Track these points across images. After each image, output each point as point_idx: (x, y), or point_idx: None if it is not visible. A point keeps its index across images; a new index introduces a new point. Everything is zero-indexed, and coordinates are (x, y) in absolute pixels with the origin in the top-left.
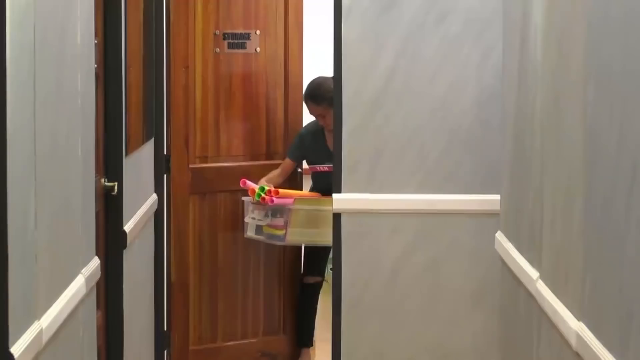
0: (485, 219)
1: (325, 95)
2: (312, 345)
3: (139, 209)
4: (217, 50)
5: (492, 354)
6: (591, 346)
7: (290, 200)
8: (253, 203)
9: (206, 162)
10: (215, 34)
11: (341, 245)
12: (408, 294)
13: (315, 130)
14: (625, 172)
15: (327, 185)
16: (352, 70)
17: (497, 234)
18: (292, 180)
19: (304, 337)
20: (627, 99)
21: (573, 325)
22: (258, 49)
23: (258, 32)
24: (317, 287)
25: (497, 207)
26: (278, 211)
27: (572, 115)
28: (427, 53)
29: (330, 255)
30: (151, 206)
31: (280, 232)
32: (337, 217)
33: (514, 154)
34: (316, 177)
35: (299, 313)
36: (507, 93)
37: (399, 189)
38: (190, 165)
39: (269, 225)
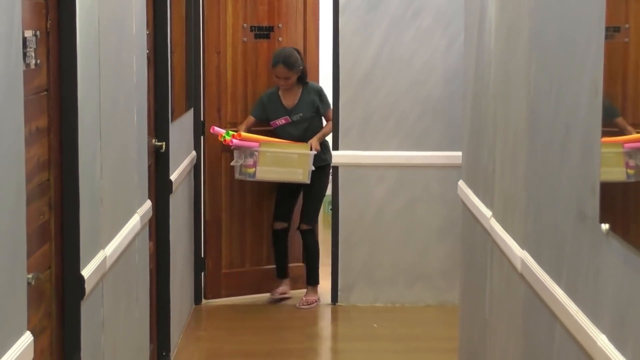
0: (450, 170)
1: (296, 64)
2: (285, 277)
3: (181, 162)
4: (245, 39)
5: (454, 276)
6: (532, 269)
7: (255, 144)
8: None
9: (236, 127)
10: (243, 26)
11: (339, 191)
12: (390, 228)
13: (271, 93)
14: (559, 133)
15: (287, 134)
16: (347, 55)
17: (459, 182)
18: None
19: (279, 271)
20: (562, 76)
21: (518, 253)
22: (280, 39)
23: (281, 25)
24: (285, 233)
25: (459, 161)
26: (249, 154)
27: (518, 88)
28: (405, 41)
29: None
30: (191, 161)
31: (251, 170)
32: (335, 169)
33: (473, 119)
34: (277, 132)
35: (274, 253)
36: (467, 71)
37: (383, 147)
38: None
39: (244, 165)
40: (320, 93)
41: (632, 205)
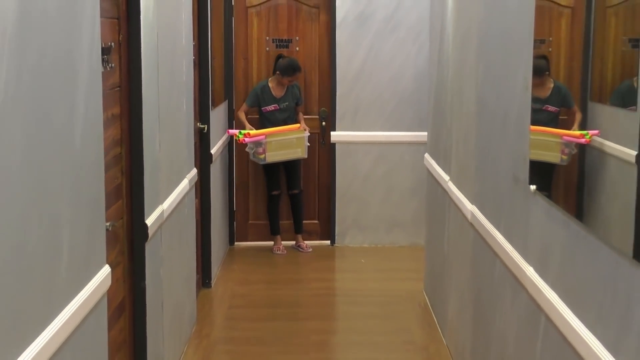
0: (418, 146)
1: (300, 70)
2: (279, 233)
3: (219, 140)
4: (268, 49)
5: (421, 224)
6: (479, 219)
7: (262, 137)
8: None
9: (254, 116)
10: (266, 39)
11: (335, 162)
12: (374, 189)
13: (263, 86)
14: (499, 119)
15: (275, 119)
16: (342, 59)
17: (425, 155)
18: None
19: (273, 228)
20: (501, 75)
21: (469, 207)
22: (298, 49)
23: (298, 38)
24: (279, 197)
25: (425, 139)
26: (259, 144)
27: (469, 84)
28: (386, 49)
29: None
30: (226, 138)
31: (262, 156)
32: (333, 145)
33: (435, 107)
34: (267, 115)
35: (269, 213)
36: (432, 70)
37: (369, 128)
38: (248, 116)
39: (256, 152)
40: (299, 89)
41: (554, 174)
